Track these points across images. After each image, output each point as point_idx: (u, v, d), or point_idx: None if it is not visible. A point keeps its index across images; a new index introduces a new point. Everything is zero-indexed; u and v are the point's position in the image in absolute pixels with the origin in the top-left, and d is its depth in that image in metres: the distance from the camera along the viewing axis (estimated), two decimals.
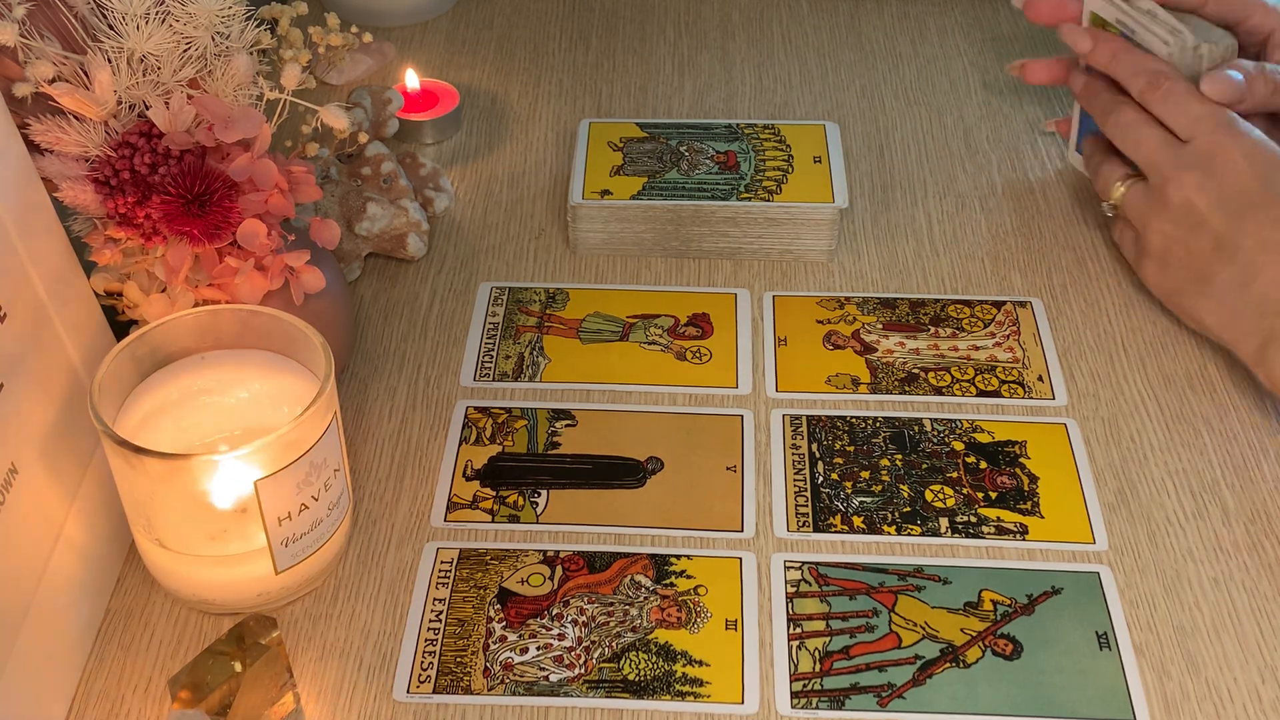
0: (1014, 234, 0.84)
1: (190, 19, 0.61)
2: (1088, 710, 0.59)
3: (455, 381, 0.74)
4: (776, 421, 0.72)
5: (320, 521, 0.60)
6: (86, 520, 0.62)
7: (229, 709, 0.54)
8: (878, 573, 0.65)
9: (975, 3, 1.06)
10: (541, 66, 0.99)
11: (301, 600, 0.63)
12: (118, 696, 0.59)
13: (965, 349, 0.76)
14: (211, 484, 0.57)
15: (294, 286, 0.65)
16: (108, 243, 0.63)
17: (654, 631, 0.62)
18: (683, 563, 0.65)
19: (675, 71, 0.98)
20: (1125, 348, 0.77)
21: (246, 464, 0.56)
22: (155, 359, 0.62)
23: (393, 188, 0.81)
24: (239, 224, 0.62)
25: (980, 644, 0.62)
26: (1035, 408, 0.73)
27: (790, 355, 0.76)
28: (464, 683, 0.60)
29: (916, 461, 0.70)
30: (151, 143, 0.61)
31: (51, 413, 0.60)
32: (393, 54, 0.99)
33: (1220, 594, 0.64)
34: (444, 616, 0.63)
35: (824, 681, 0.60)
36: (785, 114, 0.94)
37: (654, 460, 0.70)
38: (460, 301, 0.79)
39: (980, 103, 0.96)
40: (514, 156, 0.91)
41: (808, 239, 0.81)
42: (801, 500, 0.68)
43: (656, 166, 0.84)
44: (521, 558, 0.65)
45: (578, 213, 0.81)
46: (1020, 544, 0.66)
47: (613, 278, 0.81)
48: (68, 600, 0.60)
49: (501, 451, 0.70)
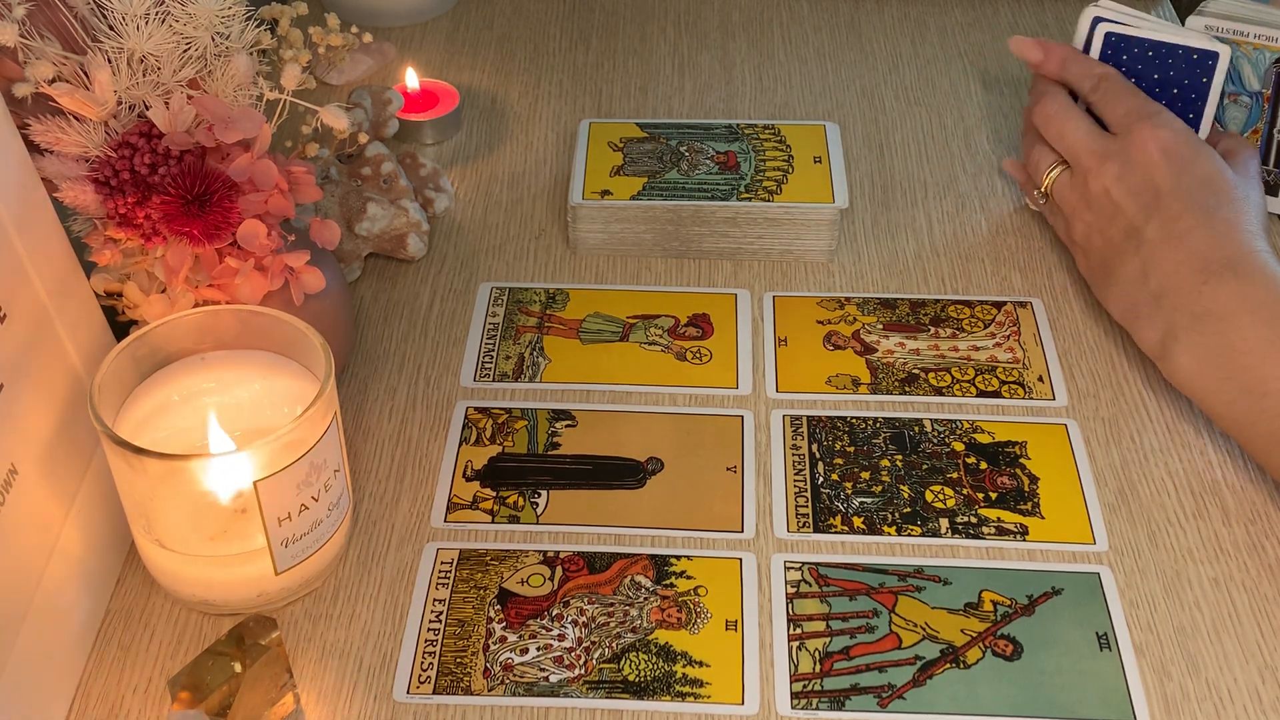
0: (1014, 234, 0.84)
1: (190, 19, 0.61)
2: (1088, 711, 0.59)
3: (455, 382, 0.74)
4: (777, 422, 0.72)
5: (320, 522, 0.60)
6: (86, 520, 0.62)
7: (229, 709, 0.54)
8: (878, 573, 0.65)
9: (975, 3, 1.06)
10: (541, 66, 0.99)
11: (301, 601, 0.63)
12: (118, 697, 0.59)
13: (965, 349, 0.76)
14: (211, 484, 0.57)
15: (294, 287, 0.65)
16: (108, 243, 0.63)
17: (654, 632, 0.62)
18: (683, 563, 0.65)
19: (675, 71, 0.98)
20: (1125, 348, 0.77)
21: (246, 464, 0.56)
22: (155, 359, 0.62)
23: (393, 188, 0.81)
24: (239, 224, 0.62)
25: (980, 645, 0.62)
26: (1035, 408, 0.73)
27: (790, 356, 0.76)
28: (464, 683, 0.60)
29: (917, 462, 0.70)
30: (151, 143, 0.61)
31: (51, 413, 0.60)
32: (393, 54, 0.99)
33: (1220, 594, 0.64)
34: (444, 617, 0.63)
35: (824, 682, 0.60)
36: (785, 114, 0.94)
37: (654, 461, 0.70)
38: (460, 302, 0.79)
39: (980, 103, 0.96)
40: (514, 156, 0.91)
41: (808, 239, 0.81)
42: (802, 501, 0.68)
43: (656, 167, 0.84)
44: (521, 558, 0.65)
45: (578, 213, 0.81)
46: (1020, 544, 0.66)
47: (613, 278, 0.81)
48: (67, 601, 0.60)
49: (501, 452, 0.70)
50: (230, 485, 0.57)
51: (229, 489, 0.57)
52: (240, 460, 0.56)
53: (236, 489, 0.57)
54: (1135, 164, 0.74)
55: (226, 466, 0.56)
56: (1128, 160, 0.74)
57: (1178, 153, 0.73)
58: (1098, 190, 0.75)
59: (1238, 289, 0.68)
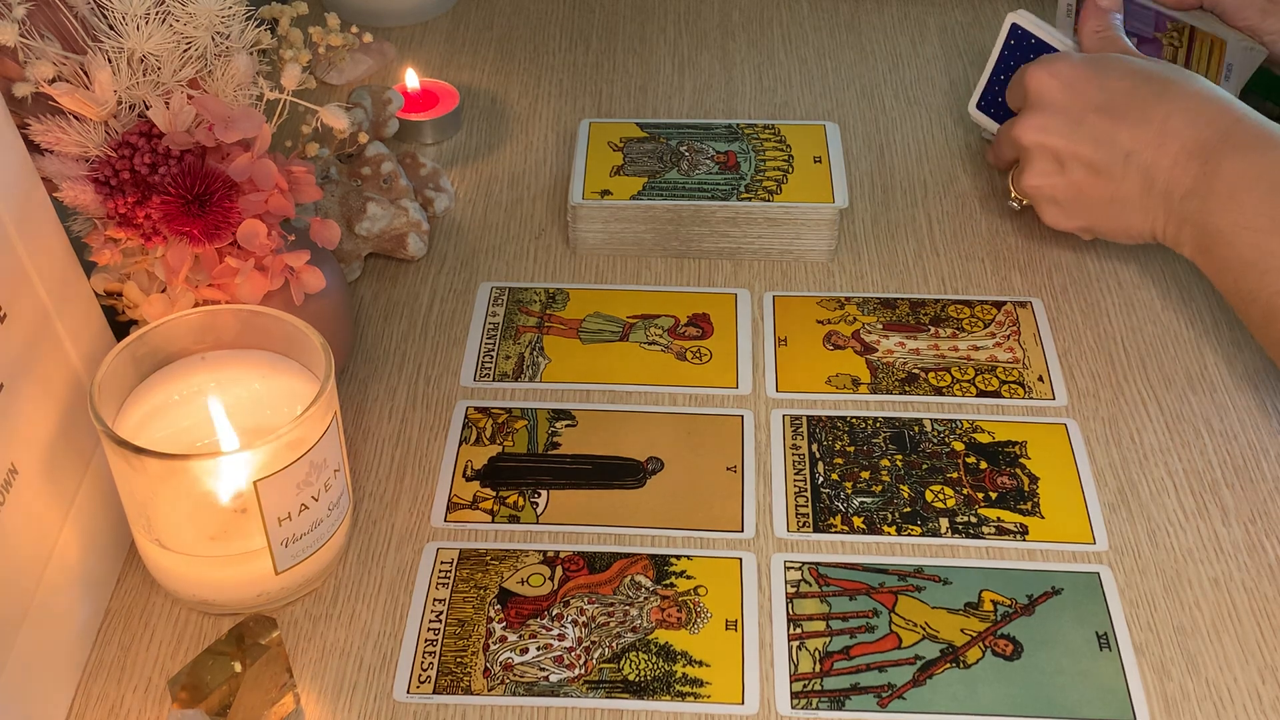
0: (1014, 234, 0.84)
1: (190, 19, 0.61)
2: (1088, 710, 0.59)
3: (455, 382, 0.74)
4: (776, 422, 0.72)
5: (320, 522, 0.60)
6: (86, 520, 0.62)
7: (229, 709, 0.54)
8: (878, 573, 0.65)
9: (975, 2, 1.06)
10: (541, 66, 0.99)
11: (301, 600, 0.63)
12: (118, 696, 0.59)
13: (965, 349, 0.76)
14: (211, 484, 0.57)
15: (294, 286, 0.65)
16: (108, 243, 0.63)
17: (654, 632, 0.62)
18: (683, 563, 0.65)
19: (675, 71, 0.98)
20: (1125, 348, 0.77)
21: (246, 464, 0.56)
22: (155, 359, 0.62)
23: (393, 188, 0.81)
24: (239, 224, 0.62)
25: (980, 644, 0.62)
26: (1035, 408, 0.73)
27: (790, 355, 0.76)
28: (464, 683, 0.60)
29: (917, 462, 0.70)
30: (151, 143, 0.61)
31: (51, 413, 0.60)
32: (393, 54, 0.99)
33: (1220, 594, 0.64)
34: (444, 617, 0.63)
35: (824, 682, 0.60)
36: (785, 114, 0.94)
37: (654, 460, 0.70)
38: (460, 301, 0.79)
39: None
40: (514, 156, 0.91)
41: (808, 239, 0.81)
42: (801, 500, 0.68)
43: (656, 166, 0.84)
44: (521, 558, 0.65)
45: (578, 213, 0.81)
46: (1020, 544, 0.66)
47: (613, 278, 0.81)
48: (67, 601, 0.60)
49: (501, 452, 0.70)
50: (230, 485, 0.57)
51: (229, 489, 0.57)
52: (240, 460, 0.56)
53: (236, 489, 0.57)
54: (1044, 106, 0.76)
55: (226, 466, 0.56)
56: (1037, 105, 0.76)
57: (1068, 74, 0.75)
58: (1032, 145, 0.77)
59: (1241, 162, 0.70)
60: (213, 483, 0.57)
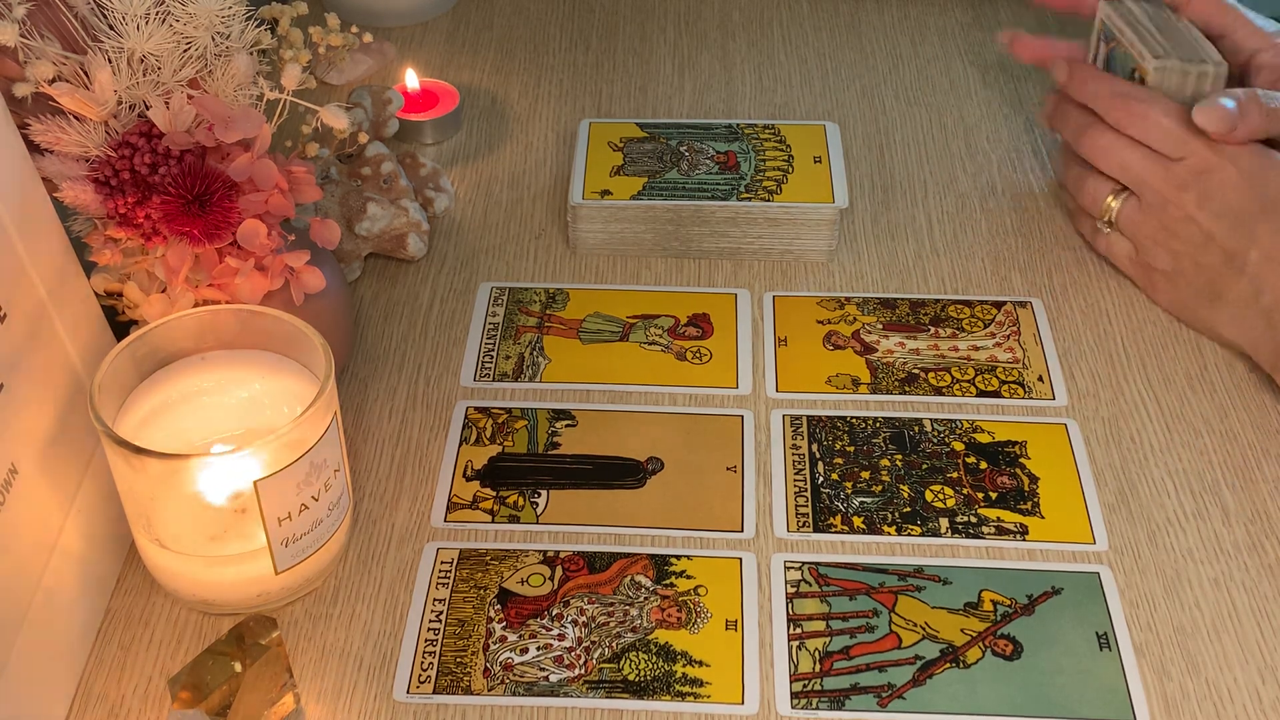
0: (1014, 234, 0.84)
1: (190, 19, 0.61)
2: (1088, 711, 0.59)
3: (455, 382, 0.74)
4: (776, 422, 0.72)
5: (320, 522, 0.60)
6: (86, 520, 0.62)
7: (229, 709, 0.54)
8: (878, 573, 0.65)
9: (975, 3, 1.06)
10: (541, 66, 0.99)
11: (301, 600, 0.63)
12: (118, 697, 0.59)
13: (965, 349, 0.76)
14: (212, 484, 0.57)
15: (294, 286, 0.65)
16: (108, 243, 0.63)
17: (654, 632, 0.62)
18: (683, 563, 0.65)
19: (675, 71, 0.98)
20: (1125, 348, 0.77)
21: (246, 464, 0.56)
22: (155, 359, 0.62)
23: (393, 188, 0.81)
24: (239, 224, 0.62)
25: (980, 644, 0.62)
26: (1035, 408, 0.73)
27: (790, 355, 0.76)
28: (464, 683, 0.60)
29: (916, 462, 0.70)
30: (151, 143, 0.61)
31: (51, 413, 0.60)
32: (393, 54, 0.99)
33: (1220, 594, 0.64)
34: (444, 617, 0.63)
35: (824, 682, 0.60)
36: (785, 114, 0.94)
37: (654, 460, 0.70)
38: (460, 301, 0.79)
39: (980, 103, 0.96)
40: (514, 156, 0.91)
41: (808, 239, 0.81)
42: (801, 500, 0.68)
43: (656, 166, 0.84)
44: (521, 558, 0.65)
45: (578, 213, 0.81)
46: (1020, 544, 0.66)
47: (613, 278, 0.81)
48: (67, 600, 0.60)
49: (501, 452, 0.70)
50: (230, 485, 0.57)
51: (229, 489, 0.57)
52: (240, 460, 0.56)
53: (236, 489, 0.57)
54: (1214, 188, 0.73)
55: (227, 466, 0.56)
56: (1206, 187, 0.73)
57: (1255, 168, 0.72)
58: (1181, 219, 0.74)
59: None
60: (213, 483, 0.57)
